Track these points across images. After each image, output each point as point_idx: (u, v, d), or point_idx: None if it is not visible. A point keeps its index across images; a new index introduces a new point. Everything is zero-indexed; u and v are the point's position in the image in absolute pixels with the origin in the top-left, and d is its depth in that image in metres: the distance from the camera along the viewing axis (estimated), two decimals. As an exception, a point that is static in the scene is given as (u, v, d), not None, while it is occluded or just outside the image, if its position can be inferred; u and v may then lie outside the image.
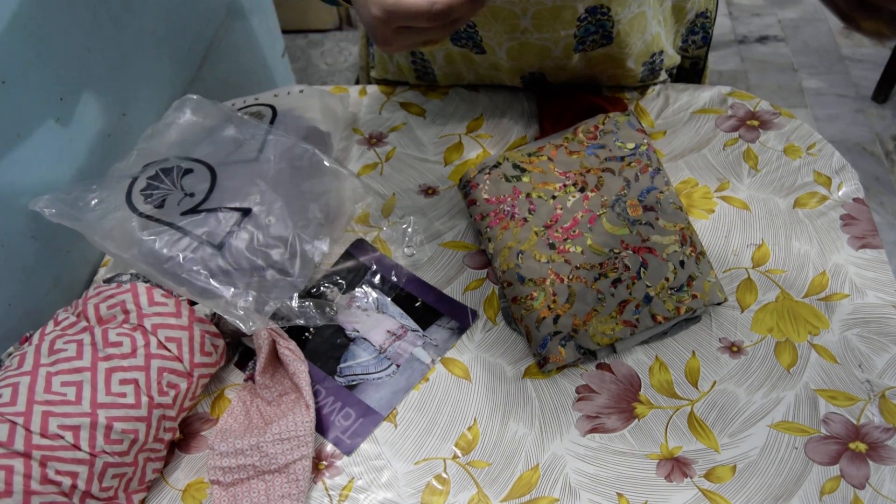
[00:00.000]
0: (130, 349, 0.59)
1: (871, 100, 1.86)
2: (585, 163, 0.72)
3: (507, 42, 0.76)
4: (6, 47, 0.62)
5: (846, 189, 0.74)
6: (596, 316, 0.63)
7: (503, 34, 0.75)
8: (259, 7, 1.21)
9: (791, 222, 0.72)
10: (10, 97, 0.63)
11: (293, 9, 2.03)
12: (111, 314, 0.60)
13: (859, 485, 0.56)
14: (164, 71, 0.90)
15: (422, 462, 0.60)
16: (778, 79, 1.95)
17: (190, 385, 0.62)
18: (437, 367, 0.66)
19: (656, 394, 0.62)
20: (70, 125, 0.71)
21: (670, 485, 0.57)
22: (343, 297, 0.71)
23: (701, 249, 0.67)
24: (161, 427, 0.60)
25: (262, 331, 0.63)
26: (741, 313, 0.66)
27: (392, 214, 0.78)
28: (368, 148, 0.85)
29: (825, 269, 0.68)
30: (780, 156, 0.78)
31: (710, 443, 0.59)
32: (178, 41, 0.94)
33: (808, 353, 0.63)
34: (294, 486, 0.58)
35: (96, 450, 0.55)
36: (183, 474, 0.62)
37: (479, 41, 0.77)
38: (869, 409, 0.60)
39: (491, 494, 0.58)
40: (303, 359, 0.64)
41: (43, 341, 0.58)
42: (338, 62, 2.07)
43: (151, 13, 0.86)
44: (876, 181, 1.68)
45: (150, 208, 0.66)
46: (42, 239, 0.70)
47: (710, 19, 0.85)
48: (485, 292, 0.70)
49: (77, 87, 0.72)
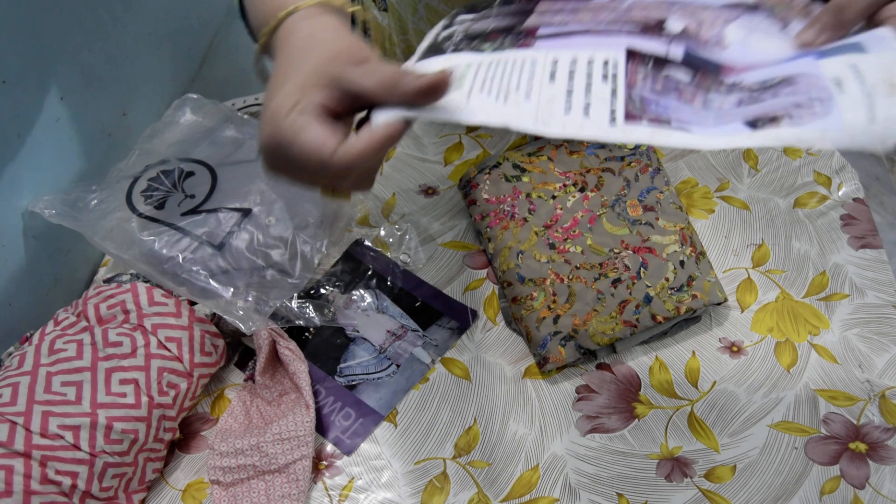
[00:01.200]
0: (130, 349, 0.59)
1: (871, 100, 1.86)
2: (585, 163, 0.72)
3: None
4: (6, 47, 0.62)
5: (846, 189, 0.74)
6: (596, 316, 0.63)
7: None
8: (259, 7, 1.21)
9: (791, 222, 0.72)
10: (10, 97, 0.63)
11: (293, 9, 2.03)
12: (111, 314, 0.60)
13: (859, 485, 0.56)
14: (164, 71, 0.90)
15: (422, 462, 0.60)
16: (778, 79, 1.95)
17: (190, 385, 0.62)
18: (437, 367, 0.66)
19: (656, 394, 0.62)
20: (70, 125, 0.71)
21: (670, 485, 0.57)
22: (343, 297, 0.71)
23: (701, 249, 0.67)
24: (161, 427, 0.60)
25: (262, 331, 0.63)
26: (741, 313, 0.66)
27: (392, 214, 0.78)
28: (368, 148, 0.85)
29: (825, 269, 0.68)
30: (780, 156, 0.78)
31: (710, 443, 0.59)
32: (178, 41, 0.94)
33: (808, 353, 0.63)
34: (294, 486, 0.58)
35: (96, 450, 0.55)
36: (183, 474, 0.62)
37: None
38: (869, 409, 0.60)
39: (491, 494, 0.58)
40: (303, 359, 0.64)
41: (43, 341, 0.58)
42: (338, 62, 2.07)
43: (151, 13, 0.86)
44: (876, 181, 1.68)
45: (150, 209, 0.66)
46: (42, 239, 0.70)
47: None
48: (485, 292, 0.70)
49: (77, 87, 0.72)
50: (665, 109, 0.35)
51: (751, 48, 0.39)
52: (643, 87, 0.36)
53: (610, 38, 0.39)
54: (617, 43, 0.38)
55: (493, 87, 0.37)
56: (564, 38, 0.40)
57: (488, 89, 0.37)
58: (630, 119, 0.35)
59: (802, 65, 0.36)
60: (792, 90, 0.34)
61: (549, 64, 0.37)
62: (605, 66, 0.37)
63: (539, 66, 0.38)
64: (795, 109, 0.33)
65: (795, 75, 0.35)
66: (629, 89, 0.36)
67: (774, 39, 0.39)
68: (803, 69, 0.36)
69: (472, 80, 0.38)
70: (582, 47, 0.38)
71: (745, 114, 0.34)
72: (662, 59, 0.37)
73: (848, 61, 0.35)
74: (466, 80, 0.38)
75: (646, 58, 0.37)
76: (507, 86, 0.37)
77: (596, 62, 0.37)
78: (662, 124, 0.34)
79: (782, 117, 0.33)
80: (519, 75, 0.37)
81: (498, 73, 0.38)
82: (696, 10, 0.40)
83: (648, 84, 0.36)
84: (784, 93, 0.34)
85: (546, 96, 0.36)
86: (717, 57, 0.38)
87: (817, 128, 0.32)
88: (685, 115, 0.34)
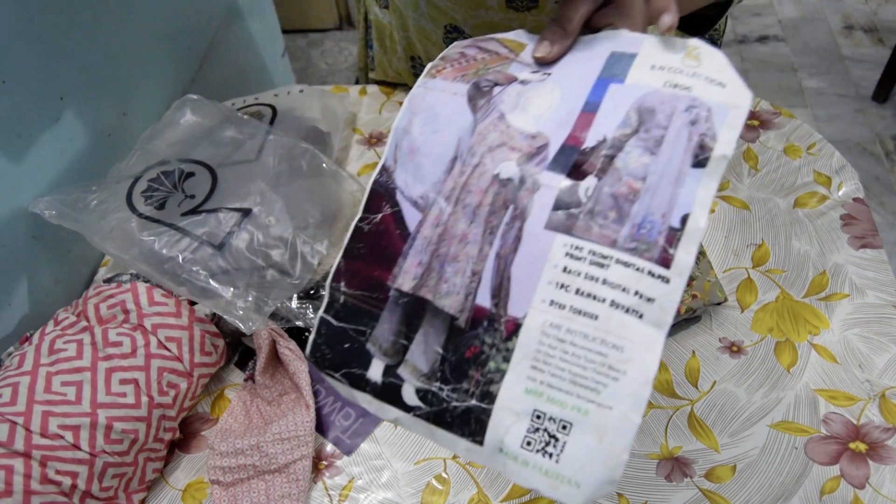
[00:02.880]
0: (130, 349, 0.59)
1: (871, 100, 1.86)
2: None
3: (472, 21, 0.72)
4: (6, 47, 0.62)
5: (846, 189, 0.74)
6: None
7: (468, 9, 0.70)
8: (259, 7, 1.21)
9: (791, 222, 0.72)
10: (10, 97, 0.63)
11: (293, 9, 2.03)
12: (111, 314, 0.60)
13: (859, 485, 0.56)
14: (164, 71, 0.90)
15: (422, 462, 0.60)
16: (778, 79, 1.95)
17: (190, 385, 0.62)
18: (437, 367, 0.66)
19: (656, 393, 0.62)
20: (70, 125, 0.71)
21: (670, 485, 0.57)
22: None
23: (701, 249, 0.67)
24: (161, 427, 0.60)
25: (262, 331, 0.63)
26: (741, 313, 0.66)
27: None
28: (368, 148, 0.85)
29: (825, 268, 0.68)
30: (780, 155, 0.78)
31: (710, 443, 0.59)
32: (178, 41, 0.94)
33: (808, 352, 0.63)
34: (294, 485, 0.58)
35: (96, 450, 0.55)
36: (183, 474, 0.62)
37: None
38: (869, 409, 0.60)
39: (491, 494, 0.58)
40: (303, 358, 0.64)
41: (43, 341, 0.59)
42: (338, 62, 2.07)
43: (151, 13, 0.86)
44: (876, 181, 1.68)
45: (150, 209, 0.66)
46: (42, 239, 0.70)
47: (720, 31, 0.85)
48: (485, 292, 0.70)
49: (77, 87, 0.72)
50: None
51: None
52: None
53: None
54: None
55: None
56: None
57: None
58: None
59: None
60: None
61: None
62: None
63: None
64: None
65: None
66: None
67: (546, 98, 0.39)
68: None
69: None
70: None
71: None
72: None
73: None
74: None
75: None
76: None
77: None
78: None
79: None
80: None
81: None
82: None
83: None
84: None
85: None
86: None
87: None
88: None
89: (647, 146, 0.35)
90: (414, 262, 0.37)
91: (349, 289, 0.38)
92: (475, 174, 0.37)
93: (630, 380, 0.32)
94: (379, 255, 0.38)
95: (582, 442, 0.32)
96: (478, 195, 0.37)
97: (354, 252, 0.39)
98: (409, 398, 0.36)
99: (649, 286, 0.33)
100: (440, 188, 0.38)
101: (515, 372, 0.34)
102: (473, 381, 0.34)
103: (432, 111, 0.40)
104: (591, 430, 0.32)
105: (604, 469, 0.32)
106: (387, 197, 0.39)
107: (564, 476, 0.32)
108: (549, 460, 0.32)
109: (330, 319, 0.39)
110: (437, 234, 0.37)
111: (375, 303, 0.38)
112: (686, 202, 0.33)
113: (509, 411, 0.33)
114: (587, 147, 0.36)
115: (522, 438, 0.33)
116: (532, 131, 0.38)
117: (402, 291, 0.37)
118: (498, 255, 0.36)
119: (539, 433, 0.33)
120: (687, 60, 0.37)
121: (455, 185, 0.38)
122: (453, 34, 0.73)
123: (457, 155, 0.38)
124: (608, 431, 0.32)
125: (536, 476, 0.32)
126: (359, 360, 0.38)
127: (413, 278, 0.37)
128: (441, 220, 0.37)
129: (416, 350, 0.36)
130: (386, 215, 0.38)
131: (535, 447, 0.33)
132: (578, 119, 0.37)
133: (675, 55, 0.37)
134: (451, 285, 0.36)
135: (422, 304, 0.37)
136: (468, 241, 0.36)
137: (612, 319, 0.32)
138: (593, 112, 0.37)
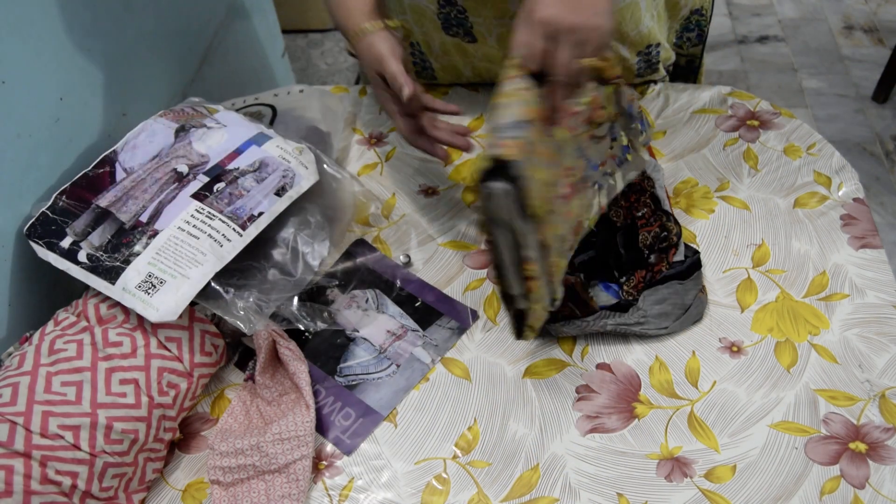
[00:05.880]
0: (130, 349, 0.59)
1: (871, 100, 1.86)
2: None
3: (497, 28, 0.75)
4: (6, 47, 0.62)
5: (846, 189, 0.74)
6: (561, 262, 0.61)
7: (492, 19, 0.74)
8: (259, 7, 1.21)
9: (791, 222, 0.72)
10: (10, 97, 0.63)
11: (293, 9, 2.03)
12: (111, 314, 0.60)
13: (859, 485, 0.56)
14: (164, 71, 0.90)
15: (422, 462, 0.60)
16: (778, 79, 1.95)
17: (190, 385, 0.62)
18: (437, 367, 0.66)
19: (656, 394, 0.62)
20: (70, 125, 0.71)
21: (670, 485, 0.57)
22: (343, 296, 0.71)
23: (618, 110, 0.64)
24: (161, 427, 0.60)
25: (262, 331, 0.63)
26: (741, 313, 0.66)
27: (392, 214, 0.78)
28: (368, 148, 0.85)
29: (825, 269, 0.68)
30: (780, 156, 0.78)
31: (710, 443, 0.59)
32: (178, 41, 0.94)
33: (808, 353, 0.63)
34: (294, 486, 0.58)
35: (96, 450, 0.55)
36: (183, 474, 0.62)
37: (469, 28, 0.76)
38: (869, 409, 0.60)
39: (491, 494, 0.58)
40: (303, 359, 0.64)
41: (43, 341, 0.58)
42: (338, 62, 2.07)
43: (151, 13, 0.86)
44: (876, 181, 1.68)
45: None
46: (42, 239, 0.70)
47: (706, 17, 0.85)
48: (485, 292, 0.70)
49: (77, 87, 0.72)
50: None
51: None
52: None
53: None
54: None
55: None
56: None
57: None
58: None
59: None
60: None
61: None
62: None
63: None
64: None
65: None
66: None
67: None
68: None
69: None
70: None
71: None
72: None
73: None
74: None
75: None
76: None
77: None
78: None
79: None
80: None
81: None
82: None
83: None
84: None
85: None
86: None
87: None
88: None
89: (257, 178, 0.67)
90: (112, 194, 0.65)
91: (69, 200, 0.64)
92: (163, 165, 0.67)
93: (200, 270, 0.61)
94: (93, 187, 0.65)
95: (168, 289, 0.59)
96: (161, 174, 0.66)
97: (80, 182, 0.66)
98: (82, 258, 0.61)
99: (228, 233, 0.63)
100: (144, 166, 0.67)
101: (146, 253, 0.61)
102: (123, 254, 0.61)
103: (153, 131, 0.70)
104: (174, 285, 0.60)
105: (173, 305, 0.59)
106: (110, 163, 0.67)
107: (152, 304, 0.59)
108: (147, 296, 0.59)
109: (48, 213, 0.64)
110: (131, 185, 0.65)
111: (80, 209, 0.64)
112: (263, 208, 0.66)
113: (135, 270, 0.60)
114: (228, 168, 0.67)
115: (138, 284, 0.59)
116: (203, 152, 0.68)
117: (98, 206, 0.64)
118: (161, 202, 0.64)
119: (146, 283, 0.59)
120: (295, 151, 0.70)
121: (151, 167, 0.67)
122: (446, 8, 0.74)
123: (158, 155, 0.68)
124: (181, 287, 0.60)
125: (138, 303, 0.59)
126: (58, 235, 0.63)
127: (108, 201, 0.64)
128: (136, 179, 0.66)
129: (95, 235, 0.62)
130: (105, 171, 0.67)
131: (143, 289, 0.59)
132: (229, 155, 0.68)
133: (290, 146, 0.71)
134: (128, 208, 0.64)
135: (107, 214, 0.63)
136: (146, 191, 0.65)
137: (204, 242, 0.62)
138: (238, 154, 0.69)
